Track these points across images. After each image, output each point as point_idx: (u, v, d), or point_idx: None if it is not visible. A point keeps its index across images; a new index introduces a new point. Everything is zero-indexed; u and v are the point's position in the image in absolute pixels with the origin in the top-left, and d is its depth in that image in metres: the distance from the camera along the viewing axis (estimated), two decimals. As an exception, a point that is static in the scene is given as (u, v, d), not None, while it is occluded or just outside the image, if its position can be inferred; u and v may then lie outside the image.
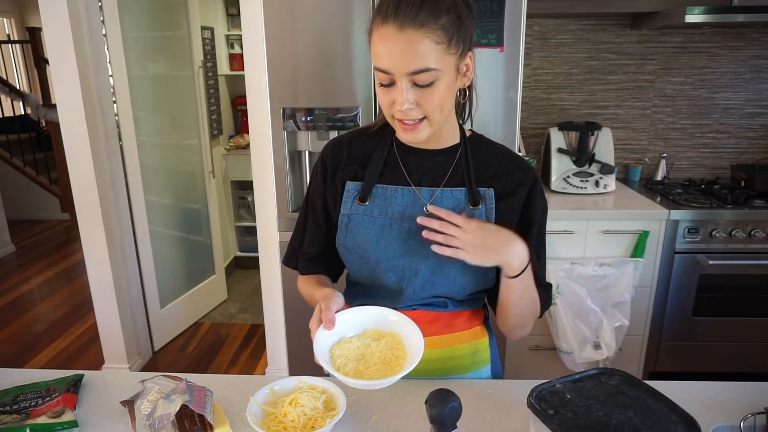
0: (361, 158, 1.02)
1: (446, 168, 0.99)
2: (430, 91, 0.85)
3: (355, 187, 1.00)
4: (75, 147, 2.29)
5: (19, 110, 6.06)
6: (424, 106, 0.87)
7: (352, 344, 0.91)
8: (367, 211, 0.99)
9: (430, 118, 0.89)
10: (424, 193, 0.98)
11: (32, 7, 7.63)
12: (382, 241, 0.97)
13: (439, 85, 0.85)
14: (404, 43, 0.82)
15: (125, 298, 2.58)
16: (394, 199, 0.98)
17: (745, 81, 2.59)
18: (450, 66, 0.86)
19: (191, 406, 0.85)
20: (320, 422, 0.86)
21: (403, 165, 1.00)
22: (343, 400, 0.89)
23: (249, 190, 3.82)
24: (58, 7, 2.12)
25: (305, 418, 0.86)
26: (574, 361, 2.19)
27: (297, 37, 1.85)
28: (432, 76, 0.84)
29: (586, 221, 2.16)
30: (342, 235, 1.01)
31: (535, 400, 0.77)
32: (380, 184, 1.00)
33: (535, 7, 2.19)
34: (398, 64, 0.83)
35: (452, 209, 0.95)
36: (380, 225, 0.98)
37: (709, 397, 0.98)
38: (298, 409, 0.87)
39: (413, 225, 0.96)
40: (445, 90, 0.87)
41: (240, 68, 3.84)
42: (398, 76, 0.84)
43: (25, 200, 5.33)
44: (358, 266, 1.02)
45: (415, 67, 0.83)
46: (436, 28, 0.82)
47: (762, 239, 2.16)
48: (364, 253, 0.99)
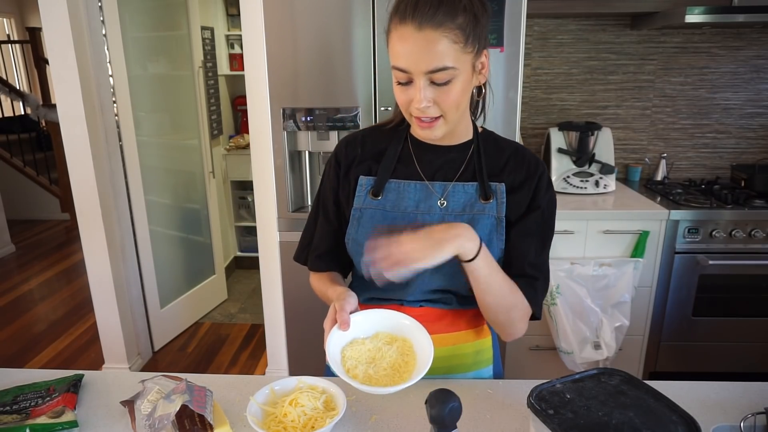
0: (375, 154, 1.04)
1: (459, 163, 1.01)
2: (447, 90, 0.87)
3: (369, 181, 1.02)
4: (75, 147, 2.29)
5: (19, 110, 6.06)
6: (442, 104, 0.89)
7: (364, 346, 0.92)
8: (379, 206, 1.00)
9: (446, 116, 0.91)
10: (437, 188, 1.00)
11: (32, 7, 7.63)
12: (394, 234, 0.97)
13: (456, 83, 0.87)
14: (422, 42, 0.83)
15: (125, 298, 2.58)
16: (407, 193, 1.00)
17: (745, 81, 2.59)
18: (466, 64, 0.88)
19: (191, 406, 0.85)
20: (320, 422, 0.86)
21: (417, 161, 1.02)
22: (343, 400, 0.89)
23: (249, 190, 3.82)
24: (58, 7, 2.12)
25: (305, 418, 0.86)
26: (574, 361, 2.19)
27: (297, 37, 1.85)
28: (449, 74, 0.86)
29: (586, 221, 2.16)
30: (353, 229, 1.01)
31: (535, 400, 0.77)
32: (393, 179, 1.01)
33: (535, 7, 2.19)
34: (416, 63, 0.85)
35: (464, 203, 0.98)
36: (391, 219, 0.99)
37: (709, 397, 0.98)
38: (298, 409, 0.87)
39: (426, 218, 0.98)
40: (462, 88, 0.89)
41: (240, 68, 3.84)
42: (416, 74, 0.86)
43: (25, 200, 5.33)
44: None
45: (433, 66, 0.84)
46: (453, 27, 0.83)
47: (762, 239, 2.16)
48: None
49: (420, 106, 0.88)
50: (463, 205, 0.98)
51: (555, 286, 2.13)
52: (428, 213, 0.98)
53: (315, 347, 1.16)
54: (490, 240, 0.97)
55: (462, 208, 0.98)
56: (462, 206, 0.98)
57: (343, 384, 0.87)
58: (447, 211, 0.98)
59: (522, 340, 2.31)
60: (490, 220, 0.97)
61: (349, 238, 1.02)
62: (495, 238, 0.98)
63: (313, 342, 1.17)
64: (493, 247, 0.97)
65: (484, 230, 0.97)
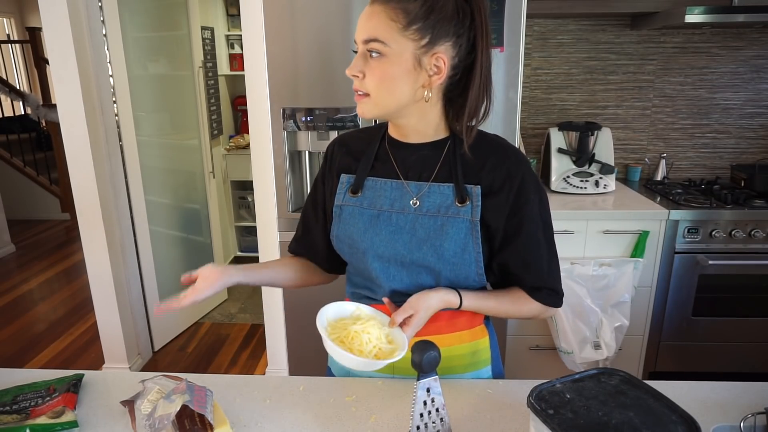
0: (357, 153, 1.06)
1: (434, 163, 0.99)
2: (375, 64, 0.89)
3: (349, 179, 1.04)
4: (75, 147, 2.29)
5: (19, 110, 6.06)
6: (368, 79, 0.90)
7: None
8: (357, 203, 1.01)
9: (372, 94, 0.91)
10: (413, 187, 0.99)
11: (32, 7, 7.63)
12: (369, 231, 0.99)
13: (384, 61, 0.89)
14: (368, 13, 0.89)
15: (125, 298, 2.58)
16: (383, 191, 1.01)
17: (745, 81, 2.59)
18: (404, 49, 0.88)
19: (192, 406, 0.84)
20: (384, 354, 0.89)
21: (393, 159, 1.02)
22: (403, 338, 0.92)
23: (249, 190, 3.82)
24: (58, 7, 2.12)
25: (371, 346, 0.90)
26: (574, 361, 2.19)
27: (297, 37, 1.85)
28: (379, 47, 0.88)
29: (586, 221, 2.16)
30: (335, 226, 1.04)
31: (535, 400, 0.77)
32: (372, 176, 1.02)
33: (535, 7, 2.19)
34: (359, 32, 0.90)
35: (439, 205, 0.97)
36: (369, 216, 1.00)
37: (709, 397, 0.98)
38: (365, 336, 0.90)
39: (400, 217, 0.98)
40: (392, 70, 0.89)
41: (240, 68, 3.84)
42: (358, 44, 0.91)
43: (25, 200, 5.33)
44: (350, 257, 1.05)
45: (365, 35, 0.89)
46: (397, 7, 0.87)
47: (762, 239, 2.16)
48: (353, 243, 1.01)
49: (349, 71, 0.91)
50: (438, 207, 0.96)
51: (555, 286, 2.13)
52: (402, 212, 0.98)
53: (315, 347, 1.16)
54: (465, 244, 0.95)
55: (437, 209, 0.96)
56: (437, 208, 0.96)
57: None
58: (420, 212, 0.97)
59: (522, 340, 2.32)
60: (464, 223, 0.95)
61: (333, 235, 1.05)
62: (470, 242, 0.95)
63: (313, 342, 1.17)
64: (469, 251, 0.96)
65: (459, 234, 0.95)
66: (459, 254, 0.95)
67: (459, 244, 0.95)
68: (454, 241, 0.95)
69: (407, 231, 0.97)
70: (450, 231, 0.95)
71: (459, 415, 0.94)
